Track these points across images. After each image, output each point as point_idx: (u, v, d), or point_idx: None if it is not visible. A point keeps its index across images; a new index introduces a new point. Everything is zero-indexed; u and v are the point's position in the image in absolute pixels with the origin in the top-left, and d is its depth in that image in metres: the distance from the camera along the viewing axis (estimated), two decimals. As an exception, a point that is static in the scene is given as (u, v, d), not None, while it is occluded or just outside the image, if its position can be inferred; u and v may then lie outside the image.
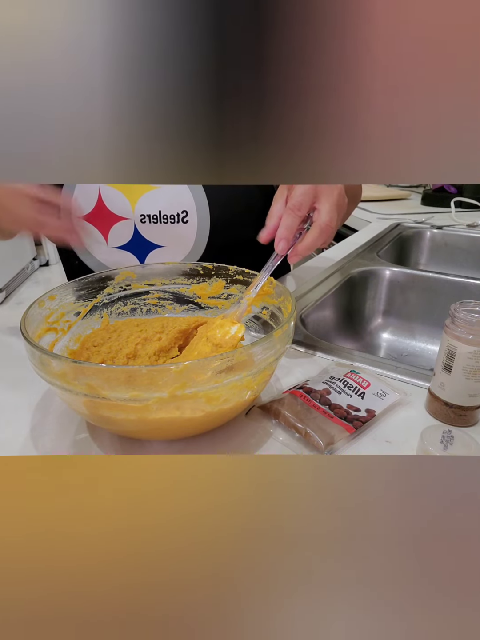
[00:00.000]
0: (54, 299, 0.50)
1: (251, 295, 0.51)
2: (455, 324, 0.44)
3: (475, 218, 1.26)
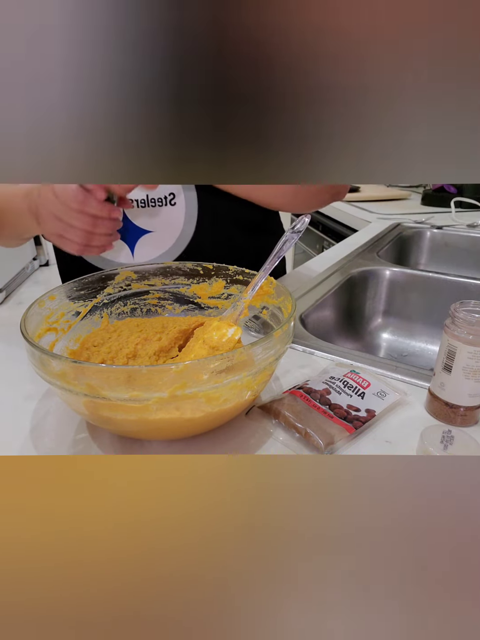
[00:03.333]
0: (54, 299, 0.50)
1: (248, 298, 0.50)
2: (455, 324, 0.44)
3: (475, 218, 1.26)
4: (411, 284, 0.90)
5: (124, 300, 0.58)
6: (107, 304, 0.57)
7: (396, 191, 1.67)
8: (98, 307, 0.56)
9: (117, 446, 0.44)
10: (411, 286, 0.90)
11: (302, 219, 0.51)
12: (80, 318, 0.54)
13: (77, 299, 0.54)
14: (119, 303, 0.58)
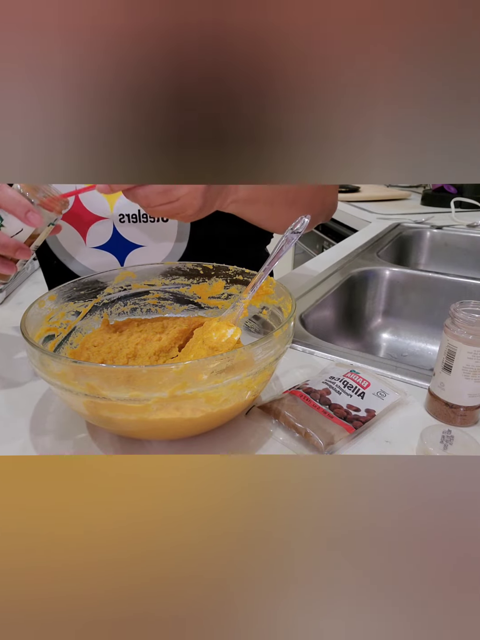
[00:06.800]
0: (54, 299, 0.50)
1: (248, 298, 0.50)
2: (455, 324, 0.44)
3: (475, 218, 1.26)
4: (411, 284, 0.90)
5: (124, 300, 0.58)
6: (107, 304, 0.57)
7: (396, 191, 1.67)
8: (98, 307, 0.56)
9: (117, 446, 0.44)
10: (411, 286, 0.90)
11: (302, 220, 0.51)
12: (80, 318, 0.54)
13: (77, 299, 0.54)
14: (119, 303, 0.58)
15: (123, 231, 0.68)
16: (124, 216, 0.66)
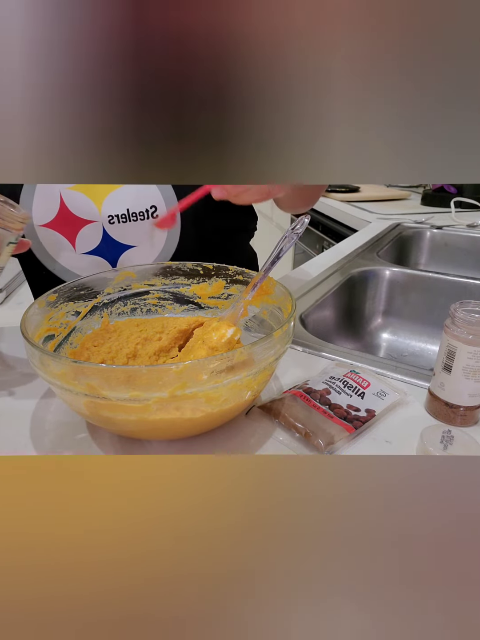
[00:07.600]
0: (54, 299, 0.50)
1: (248, 298, 0.50)
2: (455, 324, 0.44)
3: (475, 218, 1.26)
4: (411, 284, 0.90)
5: (124, 300, 0.58)
6: (107, 304, 0.57)
7: (396, 191, 1.67)
8: (98, 307, 0.56)
9: (117, 446, 0.44)
10: (411, 286, 0.91)
11: (302, 220, 0.51)
12: (80, 318, 0.54)
13: (77, 299, 0.54)
14: (119, 303, 0.58)
15: (113, 233, 0.65)
16: (113, 217, 0.64)
